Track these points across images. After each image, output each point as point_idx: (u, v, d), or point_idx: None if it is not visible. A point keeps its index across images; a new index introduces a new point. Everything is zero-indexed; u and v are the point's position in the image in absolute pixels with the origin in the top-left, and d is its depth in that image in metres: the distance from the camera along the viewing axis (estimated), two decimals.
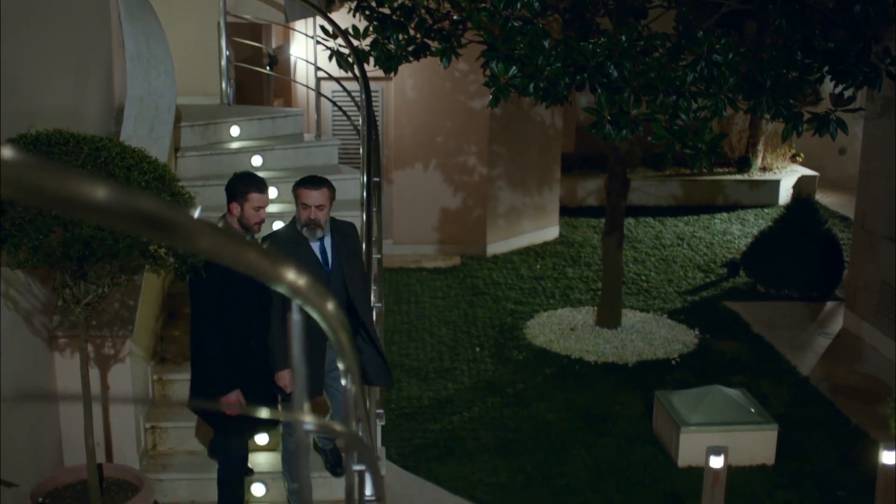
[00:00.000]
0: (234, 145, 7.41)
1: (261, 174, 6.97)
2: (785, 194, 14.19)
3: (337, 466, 5.34)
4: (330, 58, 7.80)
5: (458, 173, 11.34)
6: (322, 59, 8.05)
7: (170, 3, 7.45)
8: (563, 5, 8.02)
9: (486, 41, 6.58)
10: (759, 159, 14.99)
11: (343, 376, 2.07)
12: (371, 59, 7.66)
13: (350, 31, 7.47)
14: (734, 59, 6.44)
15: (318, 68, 7.91)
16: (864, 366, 8.30)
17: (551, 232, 12.35)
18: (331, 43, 7.72)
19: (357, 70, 7.05)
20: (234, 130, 7.52)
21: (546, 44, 6.46)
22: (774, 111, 6.78)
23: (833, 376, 8.05)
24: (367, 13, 7.82)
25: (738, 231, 12.84)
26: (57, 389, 5.21)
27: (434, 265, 11.07)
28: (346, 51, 7.47)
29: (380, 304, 5.42)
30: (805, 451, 6.67)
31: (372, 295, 5.24)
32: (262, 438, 5.46)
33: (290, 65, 10.98)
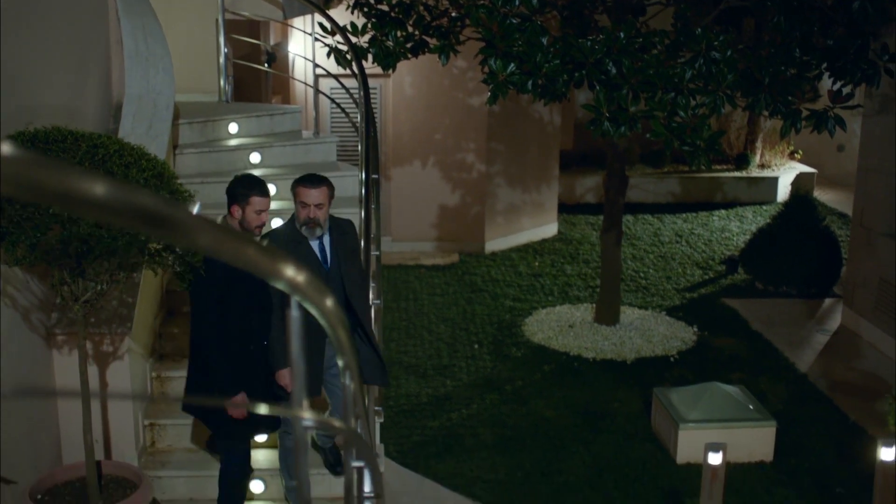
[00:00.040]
0: (232, 142, 7.41)
1: (259, 171, 7.03)
2: (783, 191, 14.20)
3: (337, 465, 5.33)
4: (328, 55, 7.79)
5: (456, 170, 11.34)
6: (320, 56, 8.04)
7: (168, 0, 7.45)
8: (562, 2, 8.01)
9: (484, 38, 6.58)
10: (758, 156, 14.99)
11: (342, 373, 2.07)
12: (369, 56, 7.65)
13: (348, 27, 7.46)
14: (733, 56, 6.44)
15: (316, 65, 7.91)
16: (862, 363, 8.31)
17: (550, 229, 12.35)
18: (329, 40, 7.72)
19: (355, 67, 7.04)
20: (233, 127, 7.52)
21: (544, 41, 6.46)
22: (773, 108, 6.78)
23: (831, 373, 8.05)
24: (366, 10, 7.82)
25: (737, 228, 12.84)
26: (55, 387, 5.21)
27: (432, 262, 11.07)
28: (344, 48, 7.47)
29: (378, 301, 5.42)
30: (803, 447, 6.67)
31: (370, 292, 5.24)
32: (260, 436, 5.46)
33: (289, 62, 10.97)
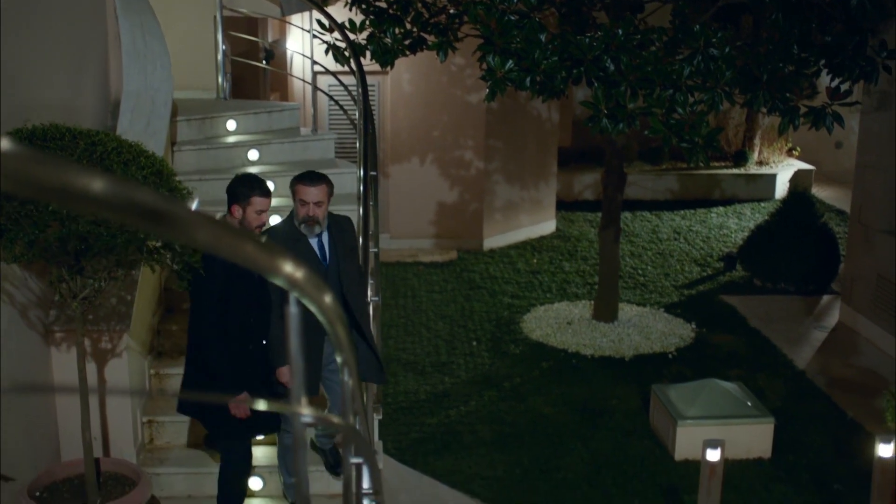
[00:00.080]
0: (230, 139, 7.40)
1: (257, 168, 7.03)
2: (781, 188, 14.20)
3: (337, 466, 5.31)
4: (326, 52, 7.78)
5: (454, 167, 11.34)
6: (318, 54, 8.04)
7: None
8: None
9: (482, 35, 6.58)
10: (756, 153, 14.99)
11: (340, 370, 2.07)
12: (367, 53, 7.65)
13: (346, 25, 7.46)
14: (731, 53, 6.44)
15: (314, 62, 7.91)
16: (860, 359, 8.32)
17: (548, 226, 12.35)
18: (327, 37, 7.71)
19: (353, 64, 7.04)
20: (231, 125, 7.51)
21: (542, 38, 6.46)
22: (771, 105, 6.78)
23: (829, 370, 8.06)
24: (364, 7, 7.81)
25: (735, 225, 12.85)
26: (54, 384, 5.20)
27: (431, 259, 11.07)
28: (342, 45, 7.46)
29: (377, 299, 5.42)
30: (801, 444, 6.68)
31: (368, 289, 5.23)
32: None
33: (287, 59, 10.96)
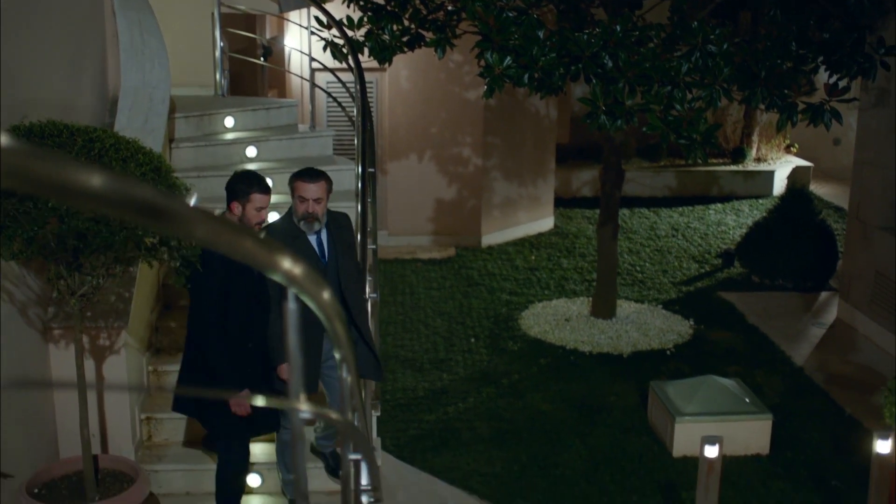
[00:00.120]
0: (228, 136, 7.40)
1: (255, 165, 7.03)
2: (779, 185, 14.21)
3: (338, 470, 5.27)
4: (324, 48, 7.78)
5: (452, 164, 11.34)
6: (316, 50, 8.03)
7: None
8: None
9: (480, 32, 6.57)
10: (754, 150, 15.00)
11: (338, 366, 2.07)
12: (365, 50, 7.64)
13: (344, 21, 7.45)
14: (729, 50, 6.44)
15: (312, 59, 7.90)
16: (858, 356, 8.32)
17: (546, 223, 12.35)
18: (325, 34, 7.71)
19: (351, 61, 7.04)
20: (229, 121, 7.51)
21: (541, 34, 6.45)
22: (769, 101, 6.78)
23: (827, 366, 8.07)
24: (362, 4, 7.80)
25: (733, 222, 12.85)
26: (52, 381, 5.21)
27: (429, 256, 11.07)
28: (340, 41, 7.45)
29: (375, 295, 5.42)
30: (799, 440, 6.69)
31: (367, 286, 5.23)
32: None
33: (285, 56, 10.95)
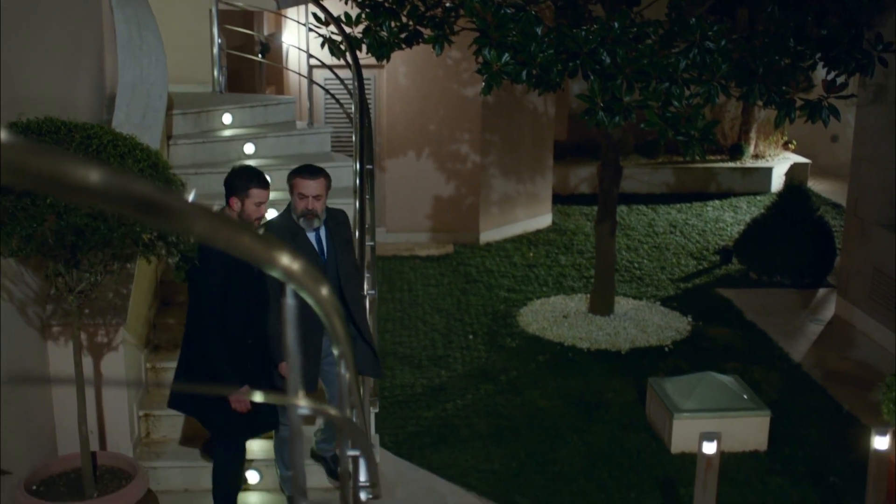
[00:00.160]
0: (226, 133, 7.39)
1: (253, 162, 7.02)
2: (777, 182, 14.21)
3: (337, 473, 5.29)
4: (322, 45, 7.77)
5: (450, 161, 11.33)
6: (314, 47, 8.02)
7: None
8: None
9: (478, 28, 6.57)
10: (752, 147, 15.00)
11: (337, 363, 2.07)
12: (363, 47, 7.63)
13: (342, 18, 7.44)
14: (727, 46, 6.44)
15: (310, 56, 7.89)
16: (855, 352, 8.33)
17: (544, 220, 12.35)
18: (323, 30, 7.70)
19: (349, 57, 7.03)
20: (227, 118, 7.50)
21: (539, 31, 6.45)
22: (767, 98, 6.78)
23: (825, 363, 8.08)
24: (360, 0, 7.80)
25: (731, 218, 12.86)
26: (50, 378, 5.21)
27: (427, 253, 11.07)
28: (338, 38, 7.45)
29: (373, 292, 5.42)
30: (797, 437, 6.70)
31: (365, 283, 5.23)
32: None
33: (283, 52, 10.94)
